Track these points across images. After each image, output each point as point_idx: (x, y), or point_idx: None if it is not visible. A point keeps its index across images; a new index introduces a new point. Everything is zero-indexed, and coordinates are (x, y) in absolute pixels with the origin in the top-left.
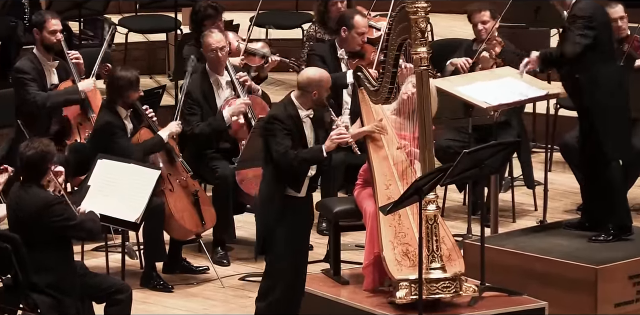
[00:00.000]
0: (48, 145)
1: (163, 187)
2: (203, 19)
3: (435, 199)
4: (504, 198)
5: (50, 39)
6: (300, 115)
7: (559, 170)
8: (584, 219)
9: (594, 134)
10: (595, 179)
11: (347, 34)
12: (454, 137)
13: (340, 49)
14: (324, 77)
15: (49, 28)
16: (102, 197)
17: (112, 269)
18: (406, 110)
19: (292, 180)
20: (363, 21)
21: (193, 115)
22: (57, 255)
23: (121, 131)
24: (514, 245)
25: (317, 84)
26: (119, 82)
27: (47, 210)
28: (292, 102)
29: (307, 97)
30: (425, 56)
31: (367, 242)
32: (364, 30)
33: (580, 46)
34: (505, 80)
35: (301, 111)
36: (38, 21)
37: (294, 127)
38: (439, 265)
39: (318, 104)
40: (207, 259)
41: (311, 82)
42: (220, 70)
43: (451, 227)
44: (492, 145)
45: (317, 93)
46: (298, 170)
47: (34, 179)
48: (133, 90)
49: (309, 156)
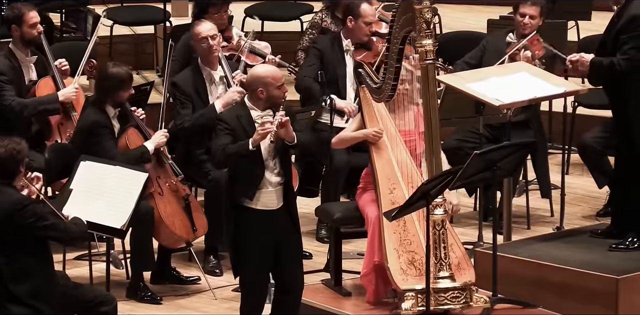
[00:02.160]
0: (19, 143)
1: (151, 191)
2: (207, 7)
3: (443, 202)
4: (517, 203)
5: (32, 32)
6: (252, 116)
7: (577, 173)
8: (614, 225)
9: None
10: (633, 182)
11: (353, 24)
12: (464, 137)
13: (346, 39)
14: (268, 73)
15: (29, 22)
16: (85, 202)
17: (96, 279)
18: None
19: (242, 185)
20: (371, 10)
21: (185, 108)
22: (34, 260)
23: (108, 132)
24: (528, 254)
25: (261, 81)
26: (110, 80)
27: (20, 211)
28: (244, 102)
29: (255, 96)
30: (431, 49)
31: (367, 250)
32: (371, 19)
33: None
34: (519, 76)
35: (254, 111)
36: (15, 16)
37: (238, 127)
38: (448, 274)
39: (272, 104)
40: (198, 268)
41: (254, 79)
42: (214, 63)
43: (461, 235)
44: (506, 146)
45: (264, 91)
46: (227, 163)
47: (5, 179)
48: (124, 89)
49: (234, 150)
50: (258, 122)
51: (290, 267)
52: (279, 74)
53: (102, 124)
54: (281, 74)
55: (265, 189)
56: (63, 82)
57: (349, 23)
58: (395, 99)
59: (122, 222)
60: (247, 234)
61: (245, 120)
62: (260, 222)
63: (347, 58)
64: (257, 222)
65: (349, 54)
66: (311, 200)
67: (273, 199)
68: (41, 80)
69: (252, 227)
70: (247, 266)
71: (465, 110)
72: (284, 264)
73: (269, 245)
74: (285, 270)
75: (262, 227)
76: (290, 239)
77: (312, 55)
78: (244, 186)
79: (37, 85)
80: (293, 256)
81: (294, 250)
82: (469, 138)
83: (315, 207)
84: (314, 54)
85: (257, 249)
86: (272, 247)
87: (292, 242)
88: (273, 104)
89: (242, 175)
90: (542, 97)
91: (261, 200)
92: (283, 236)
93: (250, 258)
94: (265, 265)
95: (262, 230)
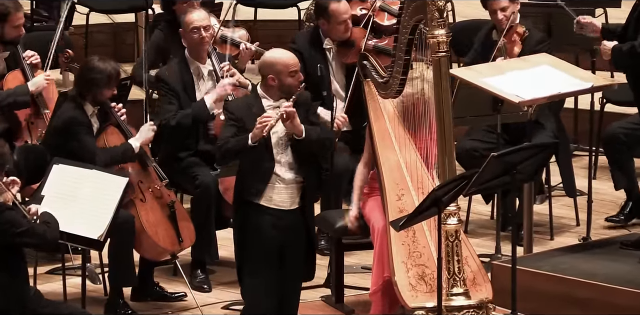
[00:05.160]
0: (2, 146)
1: (132, 197)
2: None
3: (457, 211)
4: (539, 211)
5: (14, 33)
6: (263, 105)
7: (605, 178)
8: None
9: None
10: None
11: (327, 26)
12: (480, 138)
13: (325, 38)
14: (279, 59)
15: (14, 22)
16: (59, 210)
17: (71, 295)
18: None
19: (249, 180)
20: (343, 7)
21: (171, 103)
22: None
23: (87, 130)
24: (551, 268)
25: (271, 68)
26: (95, 76)
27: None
28: (256, 90)
29: (266, 84)
30: (444, 40)
31: (376, 264)
32: (344, 17)
33: None
34: (541, 70)
35: (266, 101)
36: (1, 14)
37: (249, 118)
38: (462, 291)
39: (286, 93)
40: (184, 283)
41: (265, 65)
42: (203, 56)
43: (476, 246)
44: (526, 147)
45: (276, 78)
46: (226, 161)
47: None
48: (109, 87)
49: (232, 144)
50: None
51: (289, 280)
52: (292, 60)
53: (80, 121)
54: (295, 59)
55: (277, 185)
56: (33, 76)
57: (321, 25)
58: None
59: (99, 232)
60: (252, 234)
61: (257, 109)
62: (268, 222)
63: (329, 57)
64: (265, 221)
65: (330, 53)
66: None
67: (285, 198)
68: (9, 73)
69: (258, 227)
70: (249, 270)
71: (481, 108)
72: (284, 274)
73: (274, 249)
74: (282, 282)
75: (270, 227)
76: (299, 246)
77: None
78: (252, 181)
79: (4, 79)
80: (296, 267)
81: (299, 260)
82: (484, 138)
83: (315, 216)
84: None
85: (261, 252)
86: (278, 251)
87: (300, 250)
88: (287, 92)
89: (251, 169)
90: (567, 93)
91: (271, 197)
92: (292, 241)
93: (253, 261)
94: (268, 271)
95: (269, 231)
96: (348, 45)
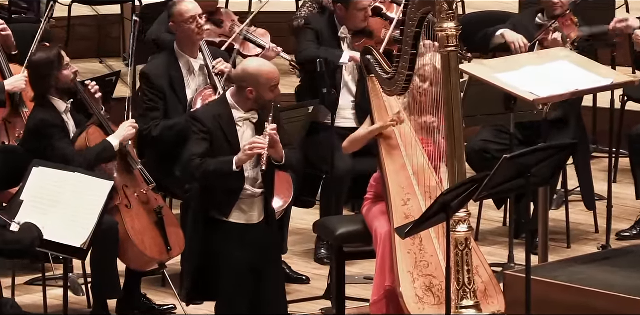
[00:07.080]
0: None
1: (117, 203)
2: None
3: (467, 217)
4: (555, 217)
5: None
6: (233, 117)
7: (626, 181)
8: None
9: None
10: None
11: (344, 12)
12: (492, 138)
13: (341, 26)
14: (264, 72)
15: None
16: (38, 216)
17: (51, 308)
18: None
19: (216, 198)
20: None
21: (153, 110)
22: None
23: (59, 131)
24: (568, 278)
25: (254, 80)
26: (38, 67)
27: None
28: (225, 99)
29: (242, 95)
30: (453, 33)
31: (377, 273)
32: (365, 4)
33: None
34: (558, 65)
35: (236, 112)
36: None
37: (217, 130)
38: (472, 303)
39: (260, 106)
40: (173, 295)
41: (245, 76)
42: (194, 50)
43: (488, 255)
44: (541, 148)
45: (254, 91)
46: (203, 183)
47: None
48: (57, 69)
49: (213, 168)
50: (240, 125)
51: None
52: (276, 74)
53: (50, 123)
54: (278, 73)
55: (245, 200)
56: (10, 71)
57: (338, 11)
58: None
59: (82, 239)
60: (222, 252)
61: (225, 121)
62: (238, 238)
63: (344, 47)
64: (234, 237)
65: (345, 43)
66: (308, 213)
67: (254, 212)
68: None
69: (227, 244)
70: (223, 292)
71: (493, 106)
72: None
73: (246, 266)
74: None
75: (240, 243)
76: (273, 260)
77: (309, 34)
78: (220, 200)
79: None
80: (276, 282)
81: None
82: (497, 139)
83: (314, 222)
84: (311, 34)
85: (233, 270)
86: (251, 268)
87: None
88: (261, 106)
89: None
90: (586, 90)
91: (239, 213)
92: (264, 256)
93: (225, 281)
94: (243, 290)
95: (239, 247)
96: (365, 35)
